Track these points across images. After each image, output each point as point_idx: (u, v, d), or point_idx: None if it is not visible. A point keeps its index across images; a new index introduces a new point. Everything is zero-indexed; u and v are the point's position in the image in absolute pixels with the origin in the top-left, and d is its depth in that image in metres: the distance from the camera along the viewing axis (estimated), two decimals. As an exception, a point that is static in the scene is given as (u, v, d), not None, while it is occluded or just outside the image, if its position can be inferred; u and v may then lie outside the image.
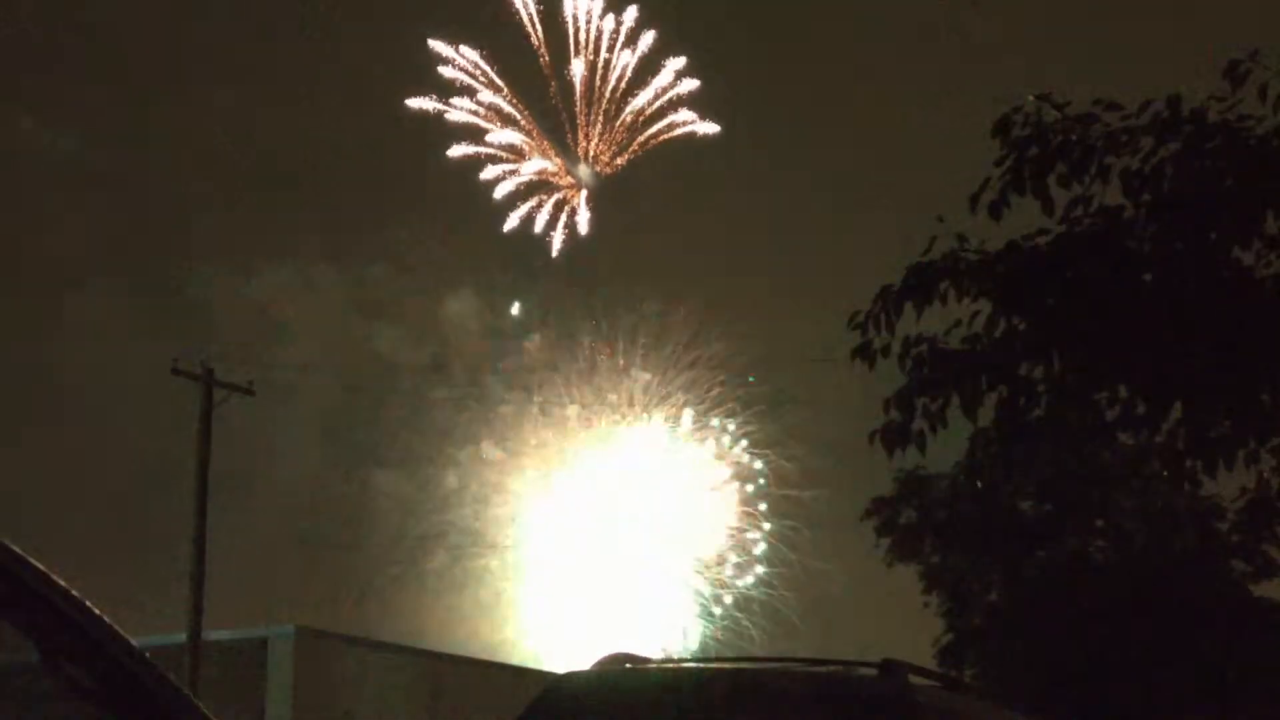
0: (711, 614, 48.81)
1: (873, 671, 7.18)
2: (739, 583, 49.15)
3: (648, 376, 49.59)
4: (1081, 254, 10.65)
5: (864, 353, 11.07)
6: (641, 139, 50.39)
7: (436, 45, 48.79)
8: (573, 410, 49.51)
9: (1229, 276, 10.52)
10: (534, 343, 49.61)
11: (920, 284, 10.92)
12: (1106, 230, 10.70)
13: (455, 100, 48.81)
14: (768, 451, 48.73)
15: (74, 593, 2.84)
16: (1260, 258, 10.69)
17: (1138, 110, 10.68)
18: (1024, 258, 10.82)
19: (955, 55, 51.51)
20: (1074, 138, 10.70)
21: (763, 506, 49.11)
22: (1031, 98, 10.88)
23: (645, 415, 49.59)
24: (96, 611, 2.84)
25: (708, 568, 49.09)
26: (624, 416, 49.67)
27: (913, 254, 10.89)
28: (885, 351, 11.03)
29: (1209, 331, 10.30)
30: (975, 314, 10.96)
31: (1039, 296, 10.79)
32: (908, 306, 10.96)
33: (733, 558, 49.37)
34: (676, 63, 50.40)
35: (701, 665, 8.39)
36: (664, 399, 49.76)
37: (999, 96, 10.93)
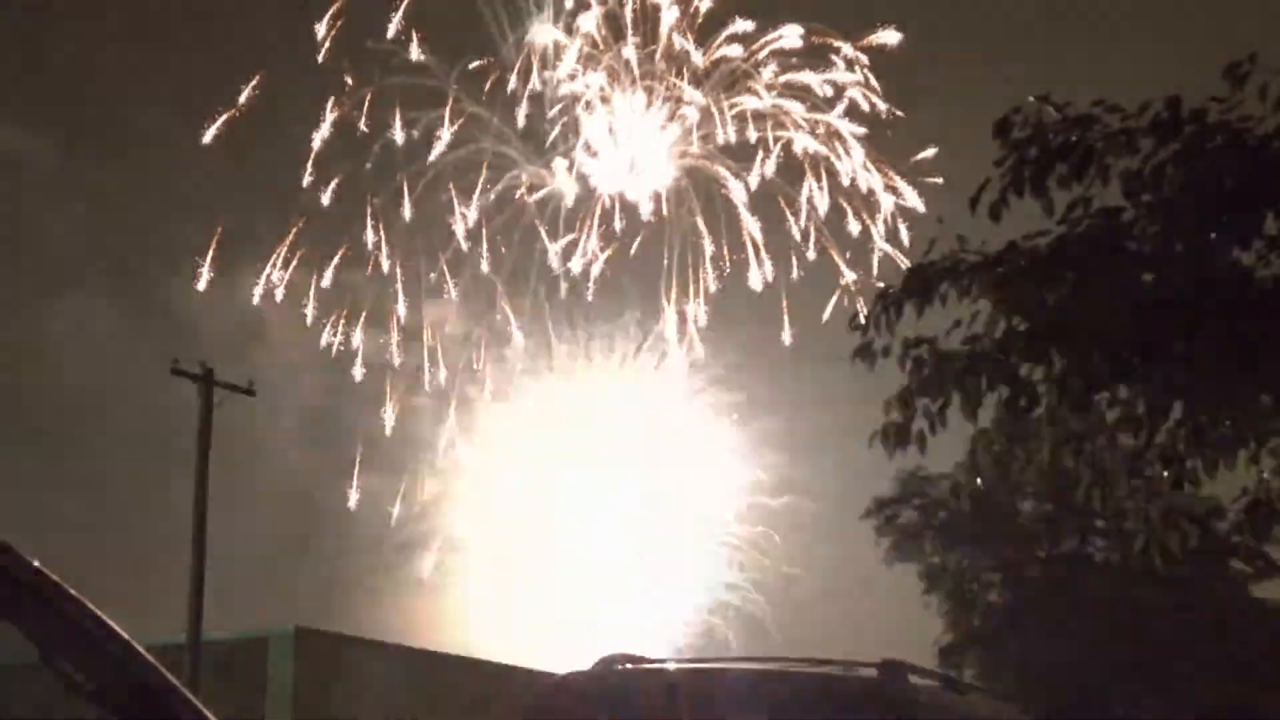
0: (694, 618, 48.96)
1: (872, 671, 7.18)
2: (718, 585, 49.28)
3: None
4: (1082, 255, 10.66)
5: (864, 354, 11.11)
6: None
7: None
8: (553, 415, 49.51)
9: (1229, 277, 10.53)
10: (516, 348, 49.51)
11: (920, 285, 10.95)
12: (1106, 231, 10.70)
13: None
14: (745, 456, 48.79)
15: (75, 593, 2.84)
16: (1261, 259, 10.69)
17: (1138, 111, 10.69)
18: (1024, 258, 10.83)
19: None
20: (1074, 139, 10.71)
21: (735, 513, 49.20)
22: (1031, 99, 10.90)
23: (624, 422, 49.66)
24: (98, 612, 2.84)
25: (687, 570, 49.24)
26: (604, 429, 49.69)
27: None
28: (885, 352, 11.06)
29: (1209, 332, 10.30)
30: (975, 314, 10.98)
31: (1039, 297, 10.80)
32: (908, 307, 10.98)
33: (708, 561, 49.51)
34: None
35: (701, 665, 8.39)
36: (644, 403, 49.79)
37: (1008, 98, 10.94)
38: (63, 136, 53.27)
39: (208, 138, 44.98)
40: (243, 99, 45.40)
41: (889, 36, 47.48)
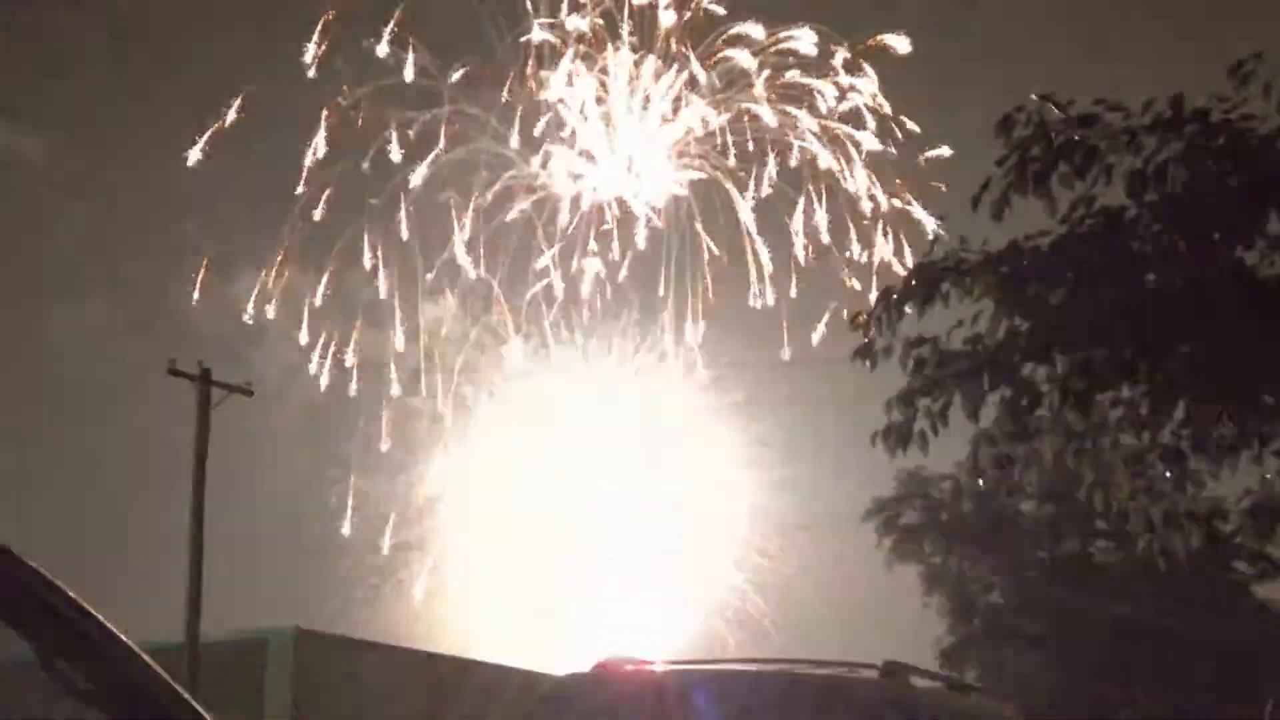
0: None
1: (874, 673, 7.16)
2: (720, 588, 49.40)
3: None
4: (1084, 254, 10.64)
5: (865, 354, 11.07)
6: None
7: None
8: (548, 417, 49.54)
9: (1232, 277, 10.51)
10: (513, 352, 49.47)
11: (923, 284, 10.92)
12: (1109, 230, 10.68)
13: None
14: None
15: (72, 594, 2.82)
16: (1263, 258, 10.68)
17: (1141, 110, 10.67)
18: (1026, 258, 10.81)
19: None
20: (1077, 138, 10.69)
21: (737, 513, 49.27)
22: (1034, 97, 10.87)
23: (622, 424, 49.74)
24: (96, 614, 2.82)
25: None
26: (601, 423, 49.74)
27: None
28: (887, 352, 11.03)
29: (1212, 332, 10.28)
30: (977, 314, 10.95)
31: (1042, 297, 10.77)
32: (910, 307, 10.95)
33: (707, 562, 49.61)
34: None
35: (700, 667, 8.37)
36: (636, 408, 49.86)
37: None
38: (63, 137, 53.41)
39: (193, 158, 44.78)
40: (233, 111, 45.25)
41: (898, 43, 47.24)
